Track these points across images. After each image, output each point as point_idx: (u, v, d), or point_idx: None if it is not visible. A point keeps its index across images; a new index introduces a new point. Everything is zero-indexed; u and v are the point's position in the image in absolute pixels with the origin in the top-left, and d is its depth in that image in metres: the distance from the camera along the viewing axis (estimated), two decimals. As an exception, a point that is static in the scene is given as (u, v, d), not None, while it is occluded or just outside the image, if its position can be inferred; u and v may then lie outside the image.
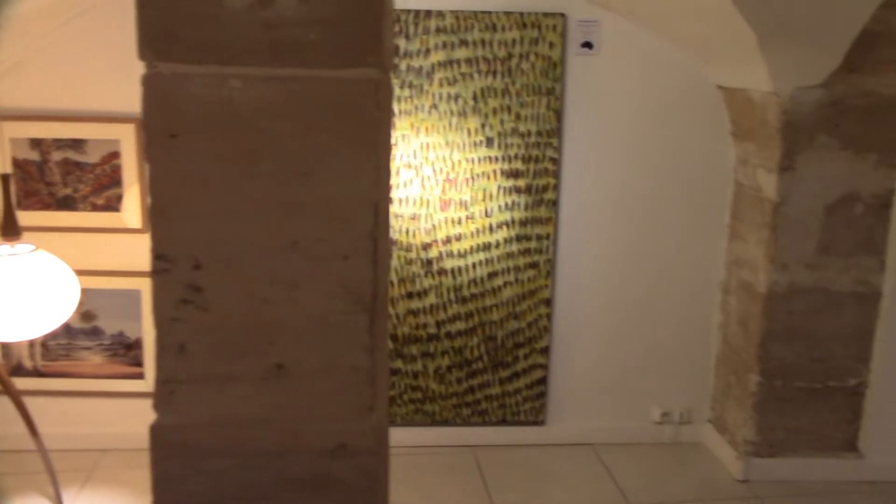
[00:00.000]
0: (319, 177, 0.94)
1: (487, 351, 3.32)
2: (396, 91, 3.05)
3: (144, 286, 3.06)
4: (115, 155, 3.04)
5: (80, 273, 2.74)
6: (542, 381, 3.37)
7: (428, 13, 3.01)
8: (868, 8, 2.61)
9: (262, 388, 0.99)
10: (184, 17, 0.90)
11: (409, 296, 3.23)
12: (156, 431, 0.98)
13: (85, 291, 2.84)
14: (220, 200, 0.94)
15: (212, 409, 0.99)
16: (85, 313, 3.13)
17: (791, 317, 3.15)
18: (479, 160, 3.13)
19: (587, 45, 3.13)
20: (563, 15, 3.07)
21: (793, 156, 2.99)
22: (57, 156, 3.03)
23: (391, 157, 1.10)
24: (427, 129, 3.09)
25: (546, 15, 3.05)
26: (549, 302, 3.29)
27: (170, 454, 0.99)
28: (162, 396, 0.98)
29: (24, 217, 2.88)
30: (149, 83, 0.92)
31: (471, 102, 3.08)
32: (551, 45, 3.07)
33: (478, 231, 3.19)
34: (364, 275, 0.97)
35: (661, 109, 3.23)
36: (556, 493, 3.13)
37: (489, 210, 3.18)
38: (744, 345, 3.26)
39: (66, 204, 3.07)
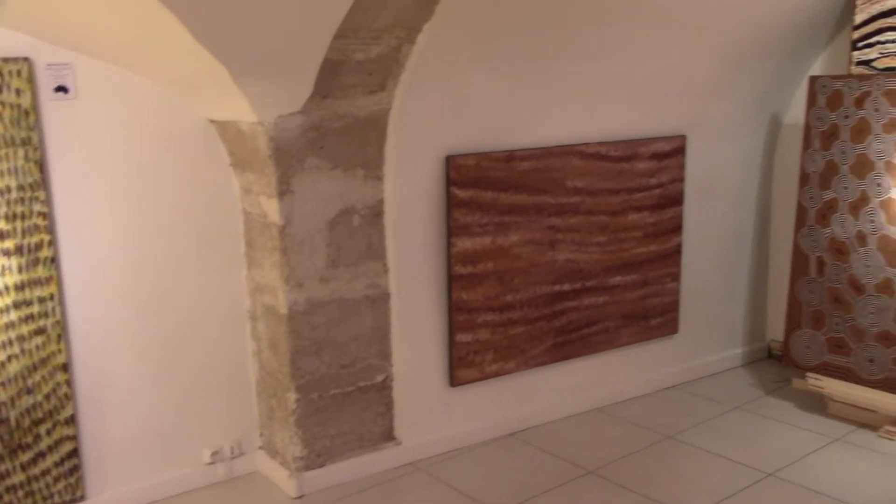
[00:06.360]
0: None
1: (0, 437, 2.94)
2: None
3: None
4: None
5: None
6: (74, 453, 3.08)
7: None
8: (324, 40, 2.82)
9: None
10: None
11: None
12: None
13: None
14: None
15: None
16: None
17: (315, 331, 3.31)
18: (-48, 226, 2.76)
19: (62, 89, 2.93)
20: (27, 59, 2.82)
21: (288, 179, 3.15)
22: None
23: None
24: None
25: (6, 60, 2.79)
26: (66, 367, 3.02)
27: None
28: None
29: None
30: None
31: (-73, 163, 2.70)
32: (18, 91, 2.81)
33: (-37, 306, 2.81)
34: None
35: (157, 148, 3.15)
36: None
37: (-26, 280, 2.81)
38: (277, 366, 3.35)
39: None
